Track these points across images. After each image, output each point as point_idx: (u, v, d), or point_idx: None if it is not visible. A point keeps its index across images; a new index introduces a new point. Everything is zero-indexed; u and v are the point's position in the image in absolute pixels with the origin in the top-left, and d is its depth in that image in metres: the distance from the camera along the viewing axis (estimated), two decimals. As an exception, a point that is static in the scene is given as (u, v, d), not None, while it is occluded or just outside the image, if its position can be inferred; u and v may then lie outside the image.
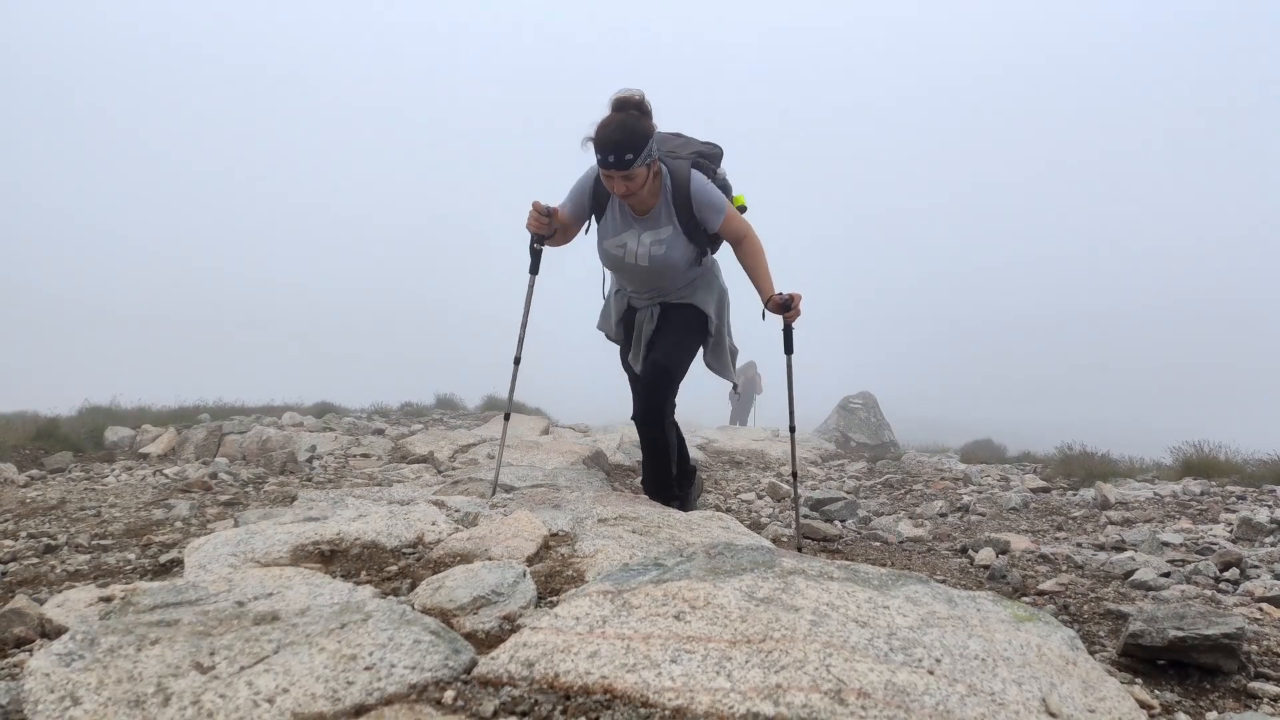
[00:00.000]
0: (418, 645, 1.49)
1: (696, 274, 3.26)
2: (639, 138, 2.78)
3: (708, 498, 5.16)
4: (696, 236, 3.10)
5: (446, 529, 2.54)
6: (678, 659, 1.39)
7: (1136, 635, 1.98)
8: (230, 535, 2.34)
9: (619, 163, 2.77)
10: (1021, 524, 4.38)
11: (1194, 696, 1.85)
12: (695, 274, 3.25)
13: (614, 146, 2.75)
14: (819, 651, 1.41)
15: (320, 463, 5.48)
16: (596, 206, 3.14)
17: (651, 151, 2.83)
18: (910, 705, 1.28)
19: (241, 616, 1.60)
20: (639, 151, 2.78)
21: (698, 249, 3.15)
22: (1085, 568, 3.18)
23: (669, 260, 3.08)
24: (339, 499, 3.20)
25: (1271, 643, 2.16)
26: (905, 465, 7.43)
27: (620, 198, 2.97)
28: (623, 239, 3.10)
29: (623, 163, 2.77)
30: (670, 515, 2.96)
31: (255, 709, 1.25)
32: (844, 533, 4.08)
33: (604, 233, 3.16)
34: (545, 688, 1.35)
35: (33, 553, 2.81)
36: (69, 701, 1.26)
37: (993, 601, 1.83)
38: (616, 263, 3.17)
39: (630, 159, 2.77)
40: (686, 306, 3.25)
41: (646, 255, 3.08)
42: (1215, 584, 2.90)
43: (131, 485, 4.44)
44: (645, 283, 3.22)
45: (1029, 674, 1.47)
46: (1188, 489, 4.98)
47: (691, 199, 3.00)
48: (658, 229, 3.06)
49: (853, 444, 11.13)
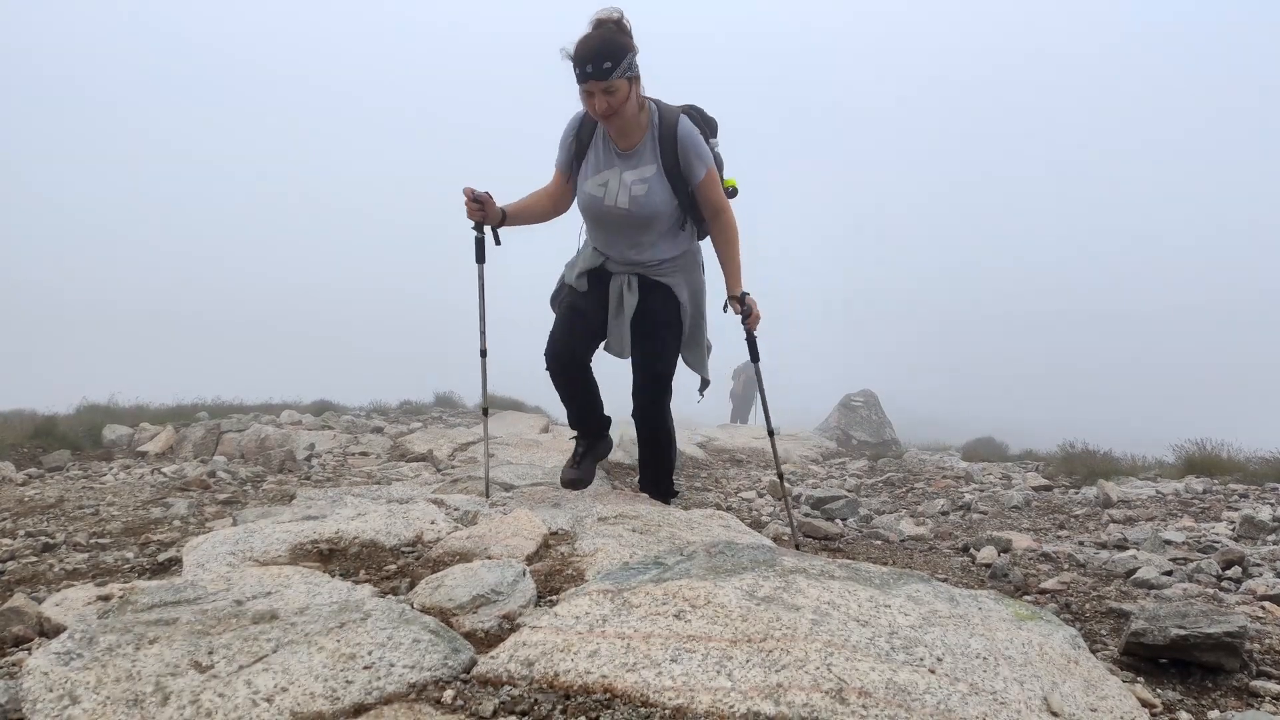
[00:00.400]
0: (417, 644, 1.48)
1: (678, 251, 3.10)
2: (618, 48, 2.69)
3: (708, 496, 5.16)
4: (679, 187, 2.95)
5: (446, 528, 2.54)
6: (678, 658, 1.38)
7: (1138, 634, 1.97)
8: (229, 534, 2.34)
9: (597, 72, 2.67)
10: (1023, 522, 4.37)
11: (1196, 695, 1.84)
12: (677, 249, 3.09)
13: (593, 54, 2.66)
14: (820, 651, 1.40)
15: (319, 461, 5.47)
16: (580, 147, 2.99)
17: (633, 66, 2.74)
18: (911, 704, 1.27)
19: (240, 615, 1.59)
20: (618, 61, 2.68)
21: (680, 207, 3.00)
22: (1087, 566, 3.18)
23: (650, 204, 2.91)
24: (337, 497, 3.19)
25: (1274, 641, 2.15)
26: (907, 463, 7.43)
27: (602, 119, 2.81)
28: (604, 176, 2.94)
29: (601, 71, 2.67)
30: (670, 514, 2.95)
31: (254, 708, 1.25)
32: (845, 531, 4.08)
33: (585, 173, 2.99)
34: (545, 687, 1.34)
35: (31, 551, 2.81)
36: (67, 700, 1.25)
37: (994, 600, 1.82)
38: (596, 206, 2.97)
39: (609, 68, 2.67)
40: (664, 288, 3.10)
41: (627, 196, 2.91)
42: (1217, 582, 2.89)
43: (129, 484, 4.44)
44: (624, 238, 3.01)
45: (1031, 673, 1.46)
46: (1190, 487, 4.98)
47: (678, 141, 2.89)
48: (640, 167, 2.92)
49: (854, 442, 11.13)
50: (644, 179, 2.92)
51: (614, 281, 3.08)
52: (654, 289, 3.10)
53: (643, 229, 2.99)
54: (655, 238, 3.03)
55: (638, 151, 2.93)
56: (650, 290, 3.10)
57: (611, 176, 2.94)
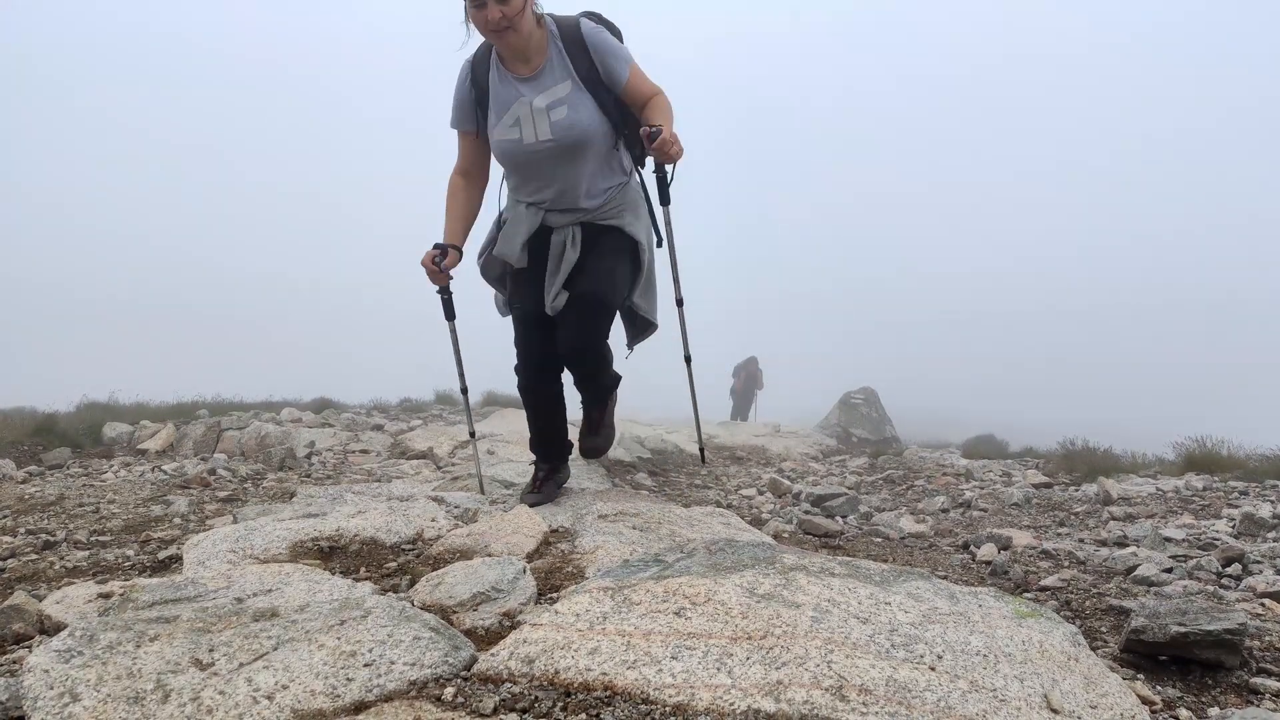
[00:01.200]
0: (417, 642, 1.48)
1: (619, 179, 2.78)
2: None
3: (708, 493, 5.16)
4: (604, 98, 2.61)
5: (446, 525, 2.54)
6: (678, 655, 1.38)
7: (1138, 631, 1.97)
8: (229, 531, 2.34)
9: None
10: (1023, 520, 4.37)
11: (1196, 692, 1.84)
12: (616, 177, 2.77)
13: None
14: (820, 648, 1.40)
15: (319, 459, 5.47)
16: (479, 93, 2.65)
17: None
18: (912, 701, 1.28)
19: (240, 613, 1.59)
20: None
21: (609, 120, 2.65)
22: (1087, 563, 3.18)
23: (577, 125, 2.57)
24: (338, 495, 3.19)
25: (1274, 638, 2.15)
26: (907, 461, 7.42)
27: (494, 35, 2.50)
28: (512, 114, 2.58)
29: None
30: (671, 511, 2.95)
31: (255, 705, 1.25)
32: (845, 528, 4.07)
33: (493, 123, 2.64)
34: (545, 684, 1.34)
35: (31, 549, 2.81)
36: (68, 698, 1.25)
37: (994, 597, 1.82)
38: (515, 151, 2.62)
39: None
40: (614, 231, 2.75)
41: (547, 125, 2.55)
42: (1217, 579, 2.89)
43: (130, 481, 4.44)
44: (557, 179, 2.66)
45: (1030, 670, 1.47)
46: (1190, 484, 4.97)
47: (587, 44, 2.58)
48: (552, 87, 2.57)
49: (854, 439, 11.13)
50: (559, 99, 2.58)
51: (555, 238, 2.73)
52: (601, 234, 2.76)
53: (575, 159, 2.63)
54: (592, 168, 2.69)
55: (543, 72, 2.59)
56: (597, 236, 2.76)
57: (520, 109, 2.58)
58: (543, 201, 2.72)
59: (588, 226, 2.74)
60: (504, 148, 2.65)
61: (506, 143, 2.62)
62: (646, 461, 6.00)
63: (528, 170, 2.68)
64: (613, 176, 2.76)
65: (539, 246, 2.76)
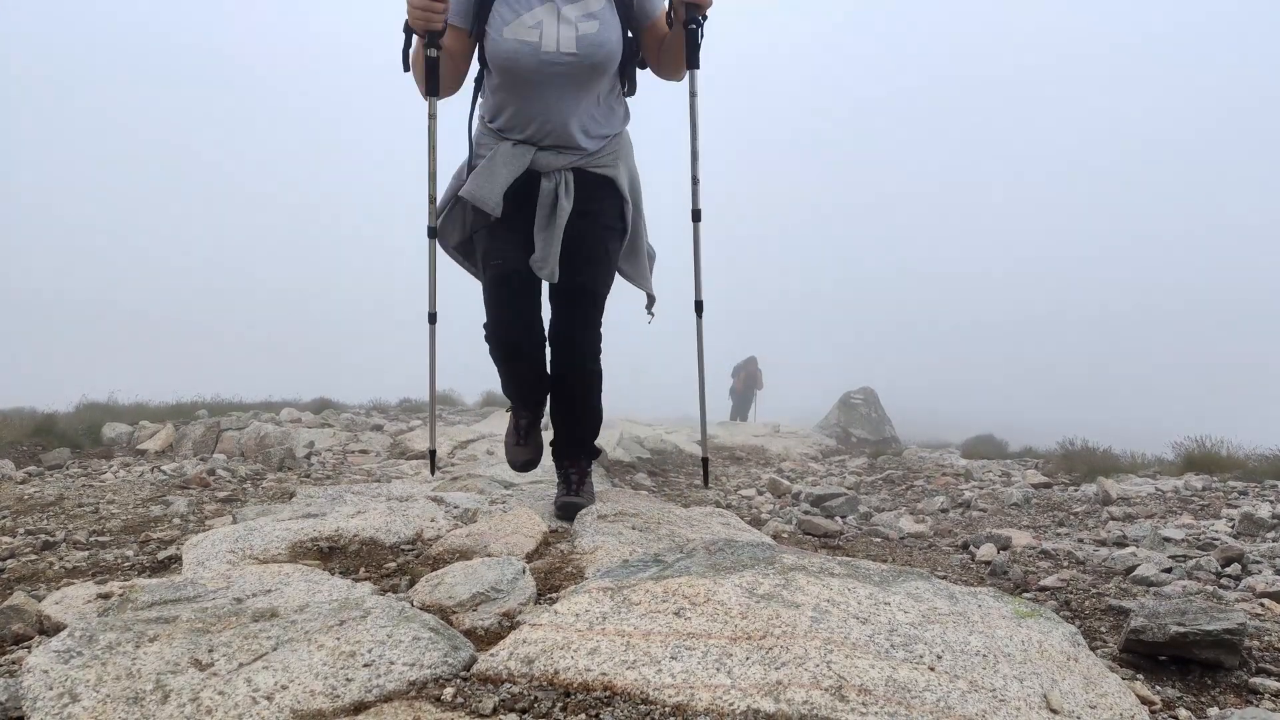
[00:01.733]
0: (417, 642, 1.48)
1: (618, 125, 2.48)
2: None
3: (708, 493, 5.15)
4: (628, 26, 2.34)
5: (445, 525, 2.54)
6: (678, 656, 1.38)
7: (1138, 631, 1.97)
8: (228, 532, 2.34)
9: None
10: (1023, 520, 4.37)
11: (1195, 692, 1.84)
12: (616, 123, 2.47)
13: None
14: (820, 648, 1.40)
15: (318, 459, 5.47)
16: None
17: None
18: (911, 701, 1.28)
19: (240, 613, 1.59)
20: None
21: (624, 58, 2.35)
22: (1087, 563, 3.18)
23: (605, 45, 2.26)
24: (337, 495, 3.19)
25: (1273, 638, 2.16)
26: (906, 461, 7.43)
27: None
28: (535, 15, 2.21)
29: None
30: (670, 511, 2.95)
31: (254, 706, 1.25)
32: (845, 529, 4.08)
33: (503, 19, 2.24)
34: (545, 684, 1.34)
35: (31, 549, 2.81)
36: (68, 698, 1.25)
37: (994, 597, 1.82)
38: (526, 59, 2.23)
39: None
40: (607, 185, 2.43)
41: (573, 36, 2.21)
42: (1217, 579, 2.90)
43: (129, 482, 4.43)
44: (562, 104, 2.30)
45: (1030, 670, 1.47)
46: (1189, 484, 4.98)
47: None
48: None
49: (854, 439, 11.14)
50: (590, 13, 2.25)
51: (545, 185, 2.35)
52: (595, 187, 2.42)
53: (587, 86, 2.30)
54: (598, 101, 2.37)
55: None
56: (590, 189, 2.42)
57: (545, 13, 2.22)
58: (532, 137, 2.34)
59: (580, 174, 2.39)
60: (512, 52, 2.23)
61: (519, 46, 2.21)
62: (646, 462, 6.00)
63: (527, 89, 2.28)
64: (614, 118, 2.47)
65: (520, 195, 2.35)
